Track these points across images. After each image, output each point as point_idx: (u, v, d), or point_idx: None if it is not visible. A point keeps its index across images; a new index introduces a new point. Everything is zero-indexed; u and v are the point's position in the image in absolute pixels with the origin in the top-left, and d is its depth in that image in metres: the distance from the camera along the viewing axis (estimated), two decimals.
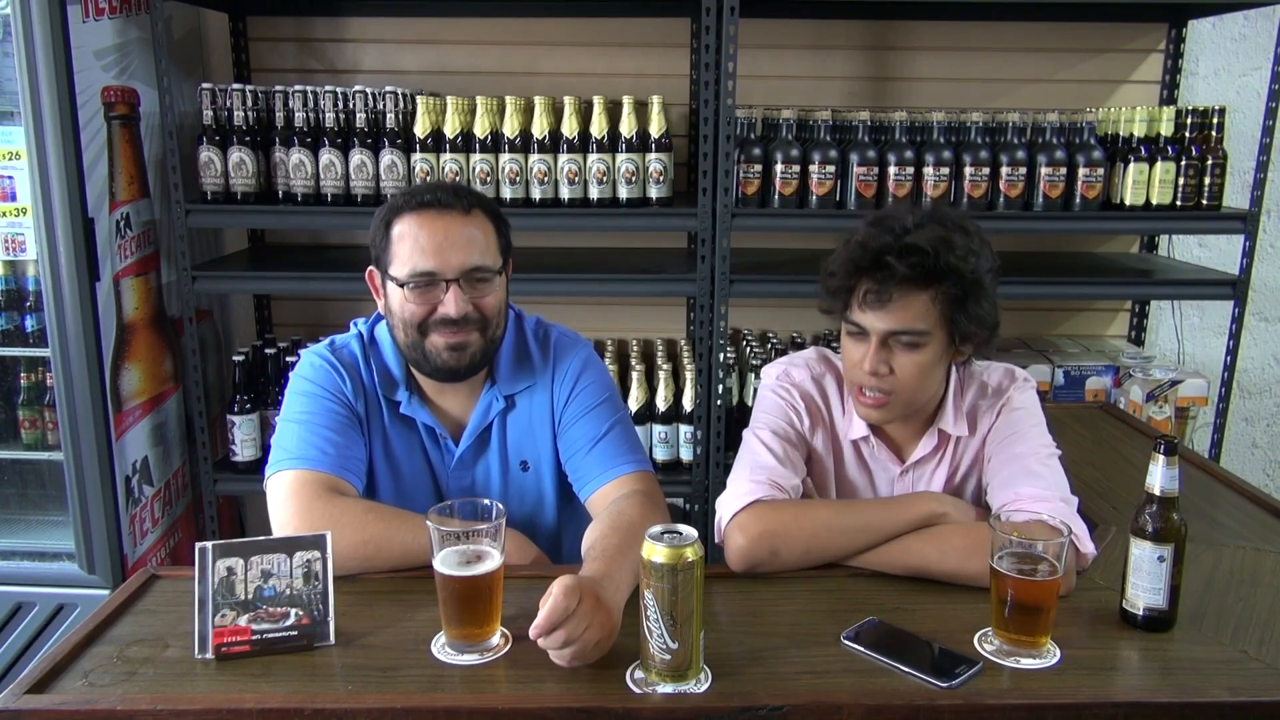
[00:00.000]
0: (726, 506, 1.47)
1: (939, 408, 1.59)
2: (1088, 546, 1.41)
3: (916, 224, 1.45)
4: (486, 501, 1.29)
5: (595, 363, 1.68)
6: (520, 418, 1.64)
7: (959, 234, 1.46)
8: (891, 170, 2.48)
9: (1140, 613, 1.29)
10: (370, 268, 1.59)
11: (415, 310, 1.51)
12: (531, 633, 1.14)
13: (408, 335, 1.53)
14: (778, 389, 1.64)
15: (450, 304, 1.49)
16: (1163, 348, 3.07)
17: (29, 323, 2.45)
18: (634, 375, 2.68)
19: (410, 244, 1.50)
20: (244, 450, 2.67)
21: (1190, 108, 2.55)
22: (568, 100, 2.49)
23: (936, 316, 1.45)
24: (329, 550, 1.27)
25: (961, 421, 1.59)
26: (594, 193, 2.51)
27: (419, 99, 2.49)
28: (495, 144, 2.50)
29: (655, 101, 2.49)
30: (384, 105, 2.52)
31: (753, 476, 1.49)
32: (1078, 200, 2.51)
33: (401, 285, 1.50)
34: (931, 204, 2.45)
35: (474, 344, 1.53)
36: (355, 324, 1.67)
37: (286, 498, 1.46)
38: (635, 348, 2.85)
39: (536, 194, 2.51)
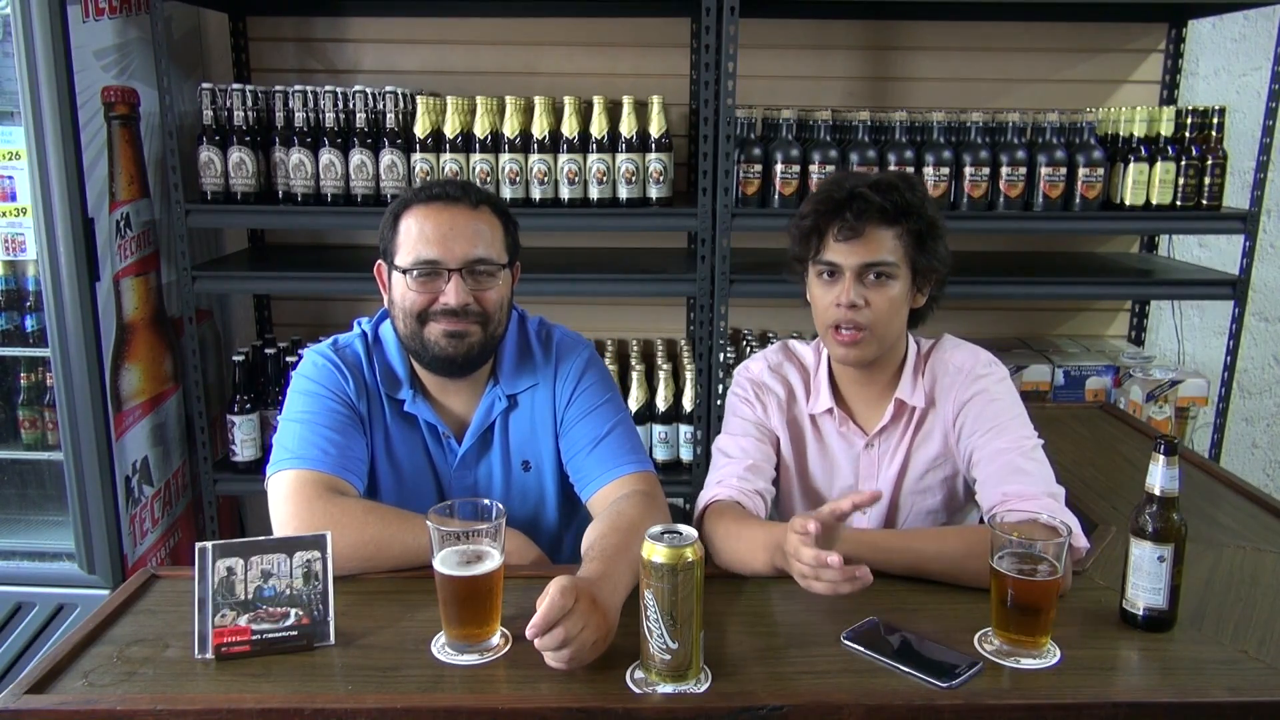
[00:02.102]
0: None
1: (897, 376, 1.64)
2: (1080, 540, 1.41)
3: (876, 174, 1.61)
4: (486, 501, 1.29)
5: (597, 363, 1.69)
6: (522, 417, 1.64)
7: (914, 180, 1.61)
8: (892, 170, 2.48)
9: (1140, 613, 1.29)
10: (378, 261, 1.60)
11: (417, 299, 1.52)
12: (528, 632, 1.14)
13: (408, 325, 1.54)
14: (734, 389, 1.74)
15: (451, 294, 1.50)
16: (1163, 348, 3.07)
17: (29, 323, 2.45)
18: (634, 375, 2.68)
19: (416, 233, 1.51)
20: (244, 450, 2.67)
21: (1190, 108, 2.55)
22: (568, 100, 2.49)
23: (902, 252, 1.55)
24: (329, 550, 1.27)
25: (919, 393, 1.63)
26: (594, 193, 2.51)
27: (419, 99, 2.49)
28: (495, 144, 2.50)
29: (655, 101, 2.49)
30: (384, 105, 2.52)
31: (706, 487, 1.63)
32: (1078, 200, 2.51)
33: (405, 273, 1.51)
34: None
35: (473, 335, 1.53)
36: (359, 323, 1.68)
37: (287, 497, 1.46)
38: (635, 348, 2.85)
39: (536, 194, 2.51)
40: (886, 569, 1.44)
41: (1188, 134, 2.52)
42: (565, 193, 2.51)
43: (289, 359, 2.69)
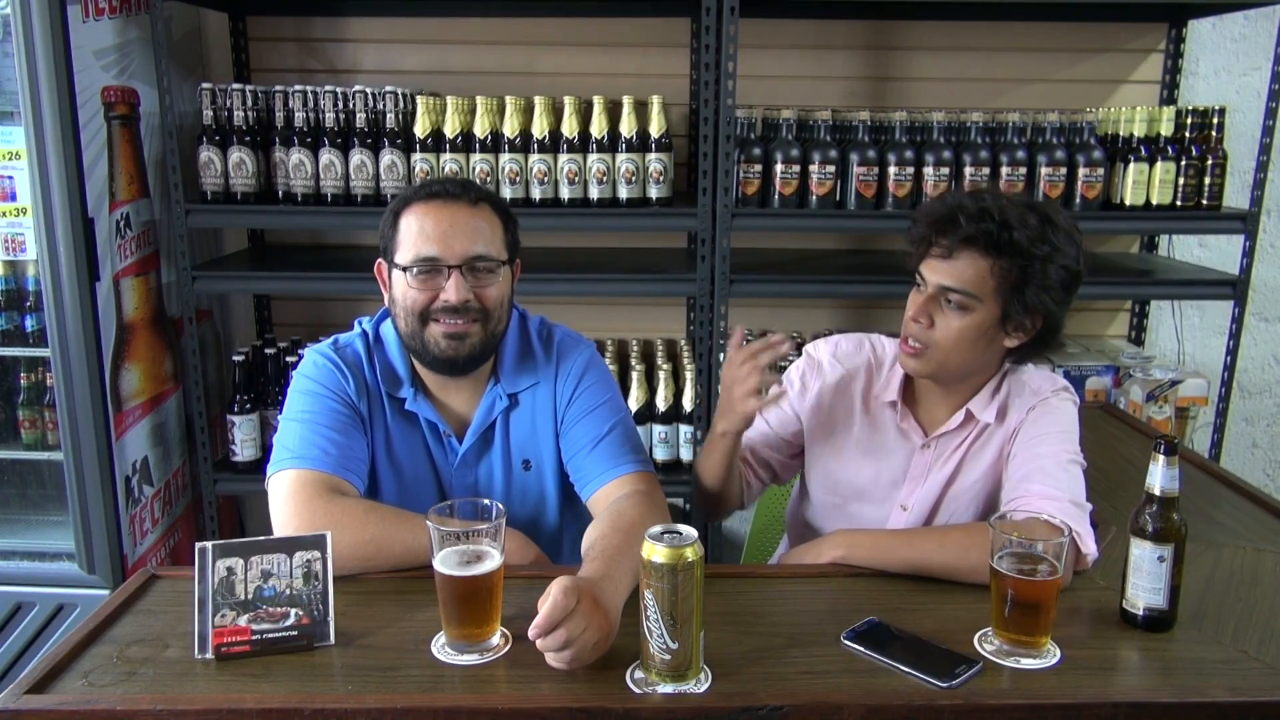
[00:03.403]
0: None
1: (975, 391, 1.61)
2: (1089, 547, 1.41)
3: (1008, 201, 1.49)
4: (486, 501, 1.29)
5: (598, 363, 1.69)
6: (523, 416, 1.64)
7: (1045, 224, 1.47)
8: (891, 170, 2.48)
9: (1140, 613, 1.29)
10: (379, 260, 1.60)
11: (417, 297, 1.52)
12: (530, 633, 1.14)
13: (409, 324, 1.54)
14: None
15: (451, 291, 1.50)
16: (1163, 348, 3.07)
17: (29, 323, 2.45)
18: (634, 375, 2.68)
19: (416, 231, 1.51)
20: (244, 450, 2.67)
21: (1190, 108, 2.55)
22: (568, 100, 2.49)
23: (991, 289, 1.47)
24: (329, 550, 1.27)
25: (992, 410, 1.60)
26: (594, 193, 2.51)
27: (419, 99, 2.49)
28: (495, 144, 2.50)
29: (655, 101, 2.49)
30: (384, 105, 2.51)
31: None
32: (1078, 200, 2.51)
33: (405, 270, 1.52)
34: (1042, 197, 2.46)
35: (474, 335, 1.53)
36: (360, 322, 1.68)
37: (287, 497, 1.46)
38: (635, 348, 2.85)
39: (536, 194, 2.51)
40: (888, 566, 1.44)
41: (1188, 134, 2.52)
42: (565, 193, 2.51)
43: (289, 359, 2.69)
